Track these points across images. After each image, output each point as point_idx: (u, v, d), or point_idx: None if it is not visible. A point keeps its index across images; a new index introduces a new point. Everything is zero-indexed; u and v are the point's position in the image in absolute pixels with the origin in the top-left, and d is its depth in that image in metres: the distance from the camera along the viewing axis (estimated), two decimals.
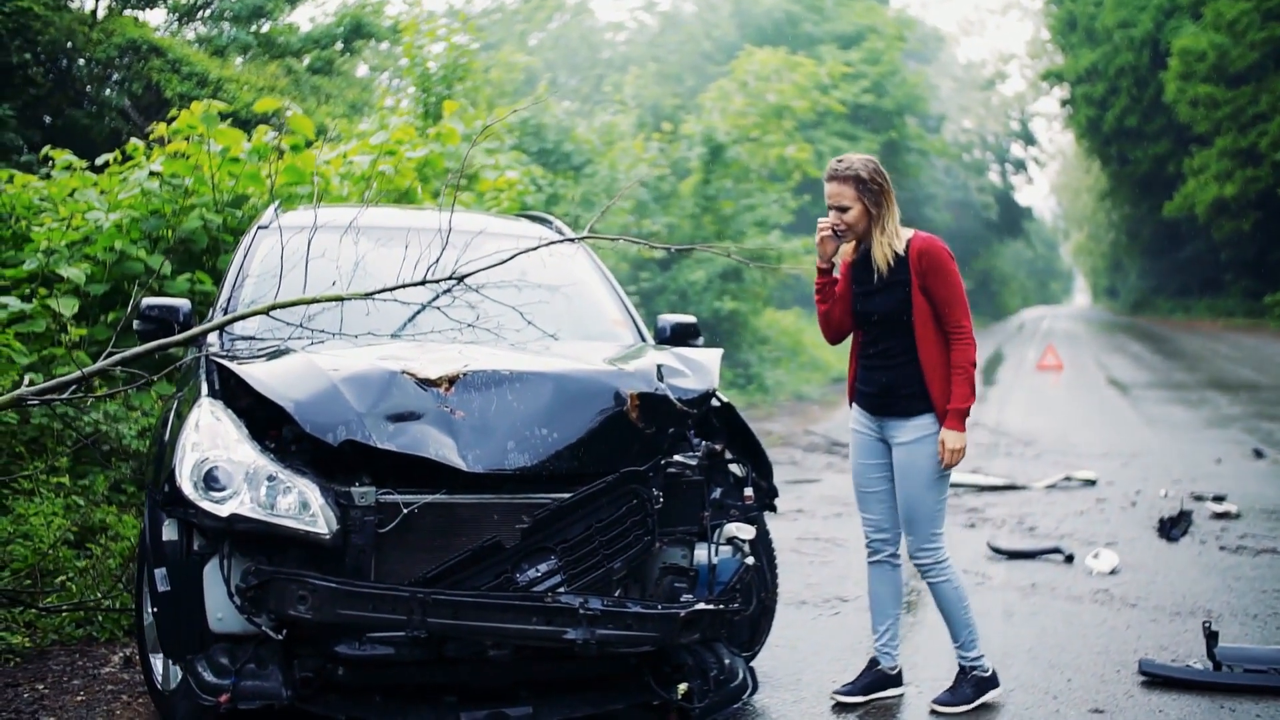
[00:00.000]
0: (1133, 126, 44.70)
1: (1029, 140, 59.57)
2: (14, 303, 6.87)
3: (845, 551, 7.35)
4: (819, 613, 6.04)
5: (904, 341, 4.50)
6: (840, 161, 4.52)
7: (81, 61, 16.01)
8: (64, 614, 5.33)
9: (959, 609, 4.61)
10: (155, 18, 20.26)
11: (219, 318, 4.75)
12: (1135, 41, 42.53)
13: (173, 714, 3.97)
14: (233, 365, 4.02)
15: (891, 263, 4.46)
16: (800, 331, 23.42)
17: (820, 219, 4.55)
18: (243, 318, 4.58)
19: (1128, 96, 44.38)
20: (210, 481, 3.72)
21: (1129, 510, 8.74)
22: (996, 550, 7.26)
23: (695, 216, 18.76)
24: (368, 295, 4.68)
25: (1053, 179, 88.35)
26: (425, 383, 3.94)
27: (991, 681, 4.60)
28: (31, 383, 5.42)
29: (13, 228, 7.87)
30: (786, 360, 20.48)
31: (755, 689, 4.36)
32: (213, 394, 4.04)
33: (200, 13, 20.64)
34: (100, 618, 5.41)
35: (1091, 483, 9.85)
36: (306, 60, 20.23)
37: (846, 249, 4.62)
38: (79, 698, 4.64)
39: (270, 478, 3.73)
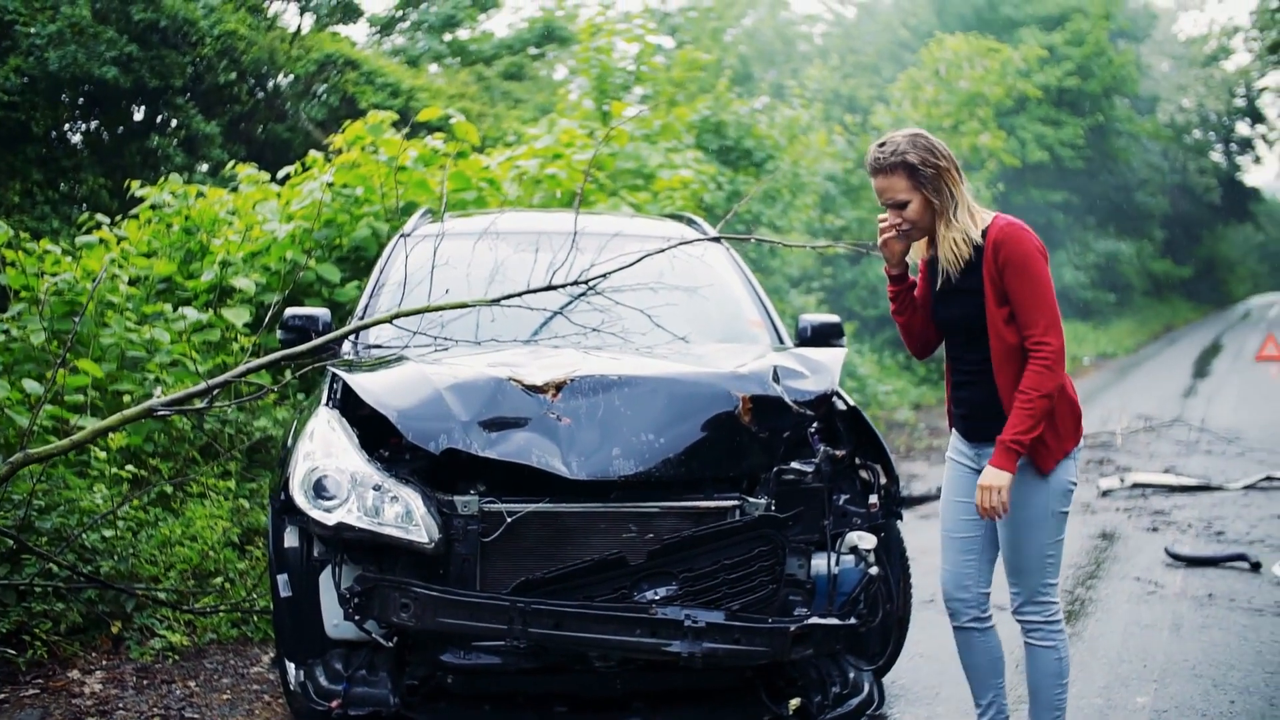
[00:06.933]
0: None
1: (1256, 118, 56.22)
2: (192, 313, 7.20)
3: None
4: None
5: (986, 354, 3.66)
6: (882, 146, 3.65)
7: (283, 78, 16.72)
8: (221, 614, 5.54)
9: (1054, 686, 3.75)
10: (358, 34, 21.08)
11: (353, 324, 4.86)
12: None
13: (299, 715, 4.07)
14: (346, 375, 4.08)
15: (969, 258, 3.61)
16: None
17: (880, 216, 3.77)
18: (362, 329, 4.66)
19: None
20: (319, 490, 3.78)
21: None
22: (1175, 556, 6.83)
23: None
24: (492, 302, 4.69)
25: None
26: (531, 389, 3.93)
27: None
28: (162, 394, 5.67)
29: (200, 241, 8.27)
30: None
31: (881, 704, 4.18)
32: (331, 403, 4.11)
33: (399, 25, 21.35)
34: (255, 618, 5.59)
35: None
36: (500, 66, 20.65)
37: (920, 246, 3.80)
38: (225, 696, 4.81)
39: (376, 487, 3.76)
